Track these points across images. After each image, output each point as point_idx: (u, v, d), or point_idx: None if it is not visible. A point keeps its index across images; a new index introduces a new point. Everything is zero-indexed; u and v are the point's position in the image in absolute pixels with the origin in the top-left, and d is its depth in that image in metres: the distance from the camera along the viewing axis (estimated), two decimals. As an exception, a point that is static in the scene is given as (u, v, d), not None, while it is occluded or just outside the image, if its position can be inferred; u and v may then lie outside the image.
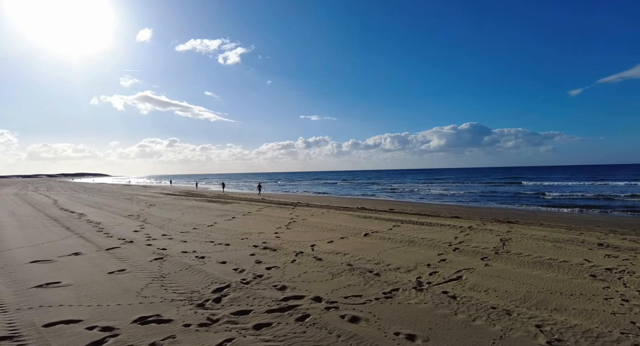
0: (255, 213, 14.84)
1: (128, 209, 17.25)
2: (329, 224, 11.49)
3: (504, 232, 9.81)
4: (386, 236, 9.20)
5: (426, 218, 13.91)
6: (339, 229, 10.38)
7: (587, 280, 5.36)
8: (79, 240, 8.87)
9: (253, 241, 8.70)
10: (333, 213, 14.76)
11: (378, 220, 12.47)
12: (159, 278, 5.52)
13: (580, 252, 7.16)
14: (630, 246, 7.76)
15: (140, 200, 23.92)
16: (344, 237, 9.24)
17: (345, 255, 7.21)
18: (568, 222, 14.05)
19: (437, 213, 17.28)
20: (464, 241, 8.47)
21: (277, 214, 14.52)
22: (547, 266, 6.15)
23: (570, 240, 8.39)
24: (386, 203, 26.20)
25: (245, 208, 17.05)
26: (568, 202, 24.93)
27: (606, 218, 16.62)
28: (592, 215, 17.93)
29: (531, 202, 25.46)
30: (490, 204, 24.79)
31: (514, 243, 8.20)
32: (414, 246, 8.12)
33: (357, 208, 19.11)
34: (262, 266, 6.28)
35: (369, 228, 10.59)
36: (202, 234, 9.92)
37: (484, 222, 12.71)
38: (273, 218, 13.33)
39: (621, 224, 13.59)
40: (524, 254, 7.05)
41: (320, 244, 8.31)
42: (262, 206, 18.11)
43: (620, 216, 17.41)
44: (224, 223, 12.05)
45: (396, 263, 6.61)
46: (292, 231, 10.32)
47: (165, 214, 15.16)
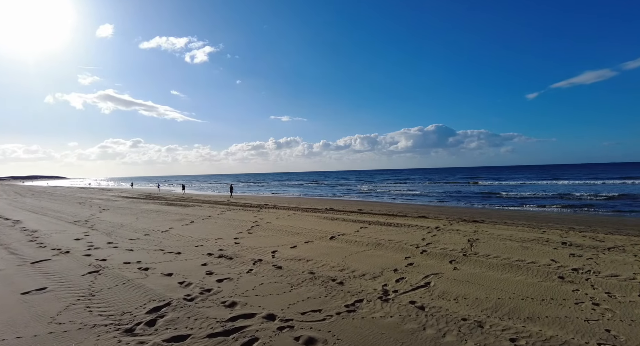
0: (216, 217, 13.95)
1: (76, 214, 15.73)
2: (295, 227, 10.90)
3: (470, 232, 9.69)
4: (353, 239, 8.76)
5: (394, 218, 13.69)
6: (304, 233, 9.83)
7: (556, 283, 5.16)
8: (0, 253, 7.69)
9: (208, 249, 7.94)
10: (300, 215, 14.19)
11: (345, 222, 12.05)
12: (86, 297, 4.69)
13: (546, 252, 7.07)
14: (591, 244, 7.81)
15: (93, 204, 22.11)
16: (309, 241, 8.69)
17: (308, 262, 6.67)
18: (530, 220, 14.37)
19: (404, 212, 17.19)
20: (431, 243, 8.20)
21: (240, 217, 13.73)
22: (516, 268, 5.94)
23: (535, 239, 8.36)
24: (355, 203, 26.00)
25: (206, 212, 16.07)
26: (528, 201, 25.93)
27: (563, 215, 17.27)
28: (550, 213, 18.62)
29: (494, 201, 26.25)
30: (456, 204, 25.27)
31: (481, 243, 8.03)
32: (380, 249, 7.72)
33: (325, 209, 18.67)
34: (213, 278, 5.59)
35: (335, 231, 10.12)
36: (153, 241, 9.00)
37: (451, 222, 12.66)
38: (235, 221, 12.54)
39: (577, 221, 14.08)
40: (492, 255, 6.84)
41: (283, 250, 7.71)
42: (225, 209, 17.19)
43: (575, 214, 18.19)
44: (180, 229, 11.12)
45: (362, 268, 6.15)
46: (254, 236, 9.63)
47: (118, 219, 13.91)
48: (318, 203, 24.98)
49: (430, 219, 13.43)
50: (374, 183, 68.91)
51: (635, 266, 5.94)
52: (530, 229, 10.55)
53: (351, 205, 22.93)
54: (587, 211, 19.36)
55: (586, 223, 13.34)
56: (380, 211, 18.01)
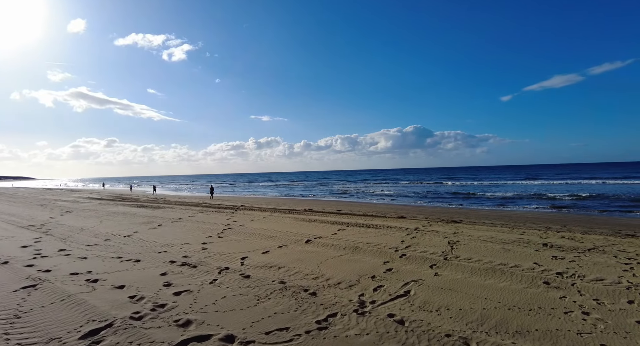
0: (187, 220, 13.16)
1: (34, 218, 14.51)
2: (269, 230, 10.32)
3: (450, 233, 9.42)
4: (329, 243, 8.29)
5: (373, 219, 13.34)
6: (278, 236, 9.27)
7: (542, 289, 4.86)
8: None
9: (172, 255, 7.26)
10: (276, 217, 13.60)
11: (323, 223, 11.57)
12: (9, 320, 3.97)
13: (528, 254, 6.84)
14: (572, 245, 7.67)
15: (56, 206, 20.65)
16: (283, 245, 8.15)
17: (279, 269, 6.13)
18: (508, 220, 14.38)
19: (384, 213, 16.91)
20: (410, 245, 7.84)
21: (212, 220, 13.00)
22: (500, 273, 5.63)
23: (516, 241, 8.16)
24: (335, 203, 25.62)
25: (177, 214, 15.20)
26: (504, 201, 26.33)
27: (539, 214, 17.50)
28: (526, 212, 18.85)
29: (471, 201, 26.52)
30: (434, 204, 25.35)
31: (462, 246, 7.74)
32: (358, 253, 7.29)
33: (304, 210, 18.15)
34: (170, 291, 4.96)
35: (312, 233, 9.62)
36: (112, 247, 8.21)
37: (430, 222, 12.43)
38: (206, 224, 11.81)
39: (553, 221, 14.20)
40: (473, 259, 6.53)
41: (253, 256, 7.13)
42: (197, 211, 16.35)
43: (550, 213, 18.50)
44: (145, 233, 10.32)
45: (337, 276, 5.68)
46: (224, 240, 8.99)
47: (79, 222, 12.88)
48: (297, 203, 24.42)
49: (409, 220, 13.16)
50: (354, 183, 68.96)
51: (618, 268, 5.75)
52: (510, 229, 10.42)
53: (331, 206, 22.52)
54: (560, 210, 19.76)
55: (561, 222, 13.46)
56: (359, 211, 17.67)
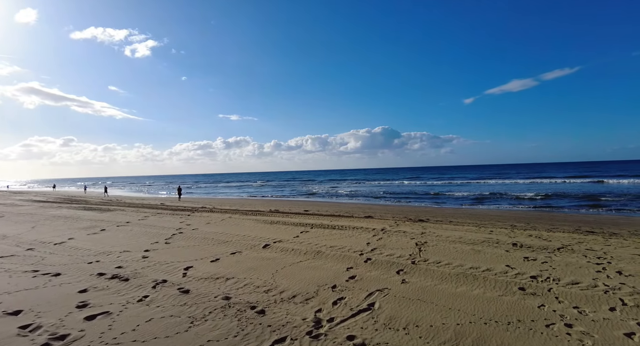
0: (135, 223, 11.87)
1: (-49, 225, 12.55)
2: (225, 234, 9.39)
3: (418, 234, 8.98)
4: (290, 247, 7.53)
5: (339, 219, 12.75)
6: (233, 241, 8.38)
7: (518, 296, 4.39)
8: None
9: (103, 266, 6.19)
10: (236, 219, 12.63)
11: (286, 225, 10.78)
12: None
13: (499, 256, 6.46)
14: (540, 245, 7.43)
15: (-14, 210, 18.30)
16: (237, 252, 7.29)
17: (227, 281, 5.29)
18: (474, 218, 14.32)
19: (351, 212, 16.41)
20: (376, 248, 7.26)
21: (163, 223, 11.81)
22: (472, 278, 5.13)
23: (485, 241, 7.82)
24: (303, 204, 24.88)
25: (127, 217, 13.79)
26: (469, 200, 26.82)
27: (502, 212, 17.74)
28: (490, 210, 19.12)
29: (437, 200, 26.79)
30: (401, 203, 25.33)
31: (430, 247, 7.26)
32: (320, 258, 6.59)
33: (269, 211, 17.25)
34: (82, 315, 3.99)
35: (272, 237, 8.81)
36: (32, 258, 6.95)
37: (397, 222, 12.02)
38: (156, 228, 10.65)
39: (516, 218, 14.32)
40: (443, 262, 6.04)
41: (200, 266, 6.23)
42: (150, 214, 14.98)
43: (513, 210, 18.86)
44: (82, 239, 9.04)
45: (293, 287, 4.94)
46: (171, 247, 7.97)
47: (5, 229, 11.22)
48: (263, 204, 23.43)
49: (376, 220, 12.70)
50: (324, 183, 68.61)
51: (590, 269, 5.46)
52: (477, 228, 10.19)
53: (298, 206, 21.76)
54: (522, 208, 20.28)
55: (524, 220, 13.57)
56: (327, 211, 17.06)
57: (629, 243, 7.90)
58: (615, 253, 6.66)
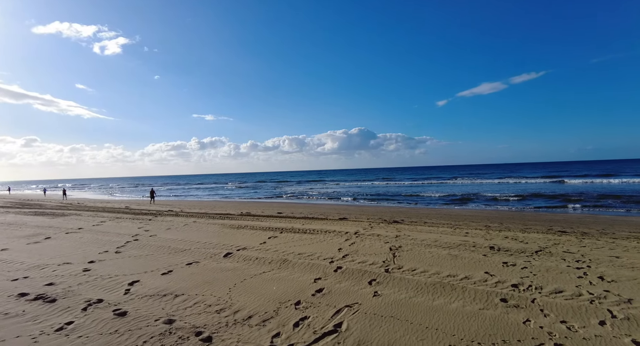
0: (88, 230, 10.78)
1: None
2: (184, 241, 8.58)
3: (392, 237, 8.55)
4: (254, 255, 6.86)
5: (312, 222, 12.17)
6: (192, 249, 7.61)
7: (500, 310, 3.96)
8: None
9: (31, 283, 5.29)
10: (201, 224, 11.78)
11: (253, 230, 10.08)
12: None
13: (477, 261, 6.08)
14: (518, 247, 7.15)
15: None
16: (194, 262, 6.54)
17: (175, 299, 4.58)
18: (448, 218, 14.16)
19: (326, 214, 15.89)
20: (348, 254, 6.73)
21: (119, 229, 10.79)
22: (450, 288, 4.68)
23: (462, 244, 7.46)
24: (277, 205, 24.15)
25: (80, 222, 12.60)
26: (443, 199, 27.00)
27: (475, 212, 17.79)
28: (464, 210, 19.18)
29: (412, 199, 26.79)
30: (377, 203, 25.14)
31: (405, 252, 6.81)
32: (286, 268, 5.97)
33: (240, 213, 16.44)
34: (-24, 353, 3.19)
35: (236, 244, 8.11)
36: (-52, 275, 5.91)
37: (371, 224, 11.60)
38: (109, 235, 9.65)
39: (490, 218, 14.28)
40: (418, 269, 5.58)
41: (148, 280, 5.46)
42: (108, 218, 13.81)
43: (486, 210, 18.99)
44: (19, 249, 7.96)
45: (251, 305, 4.30)
46: (121, 256, 7.11)
47: None
48: (236, 206, 22.51)
49: (350, 222, 12.23)
50: (300, 183, 67.91)
51: (572, 275, 5.16)
52: (452, 230, 9.91)
53: (272, 208, 21.02)
54: (495, 208, 20.51)
55: (497, 220, 13.53)
56: (301, 213, 16.45)
57: (602, 243, 7.80)
58: (592, 255, 6.46)
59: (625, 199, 21.64)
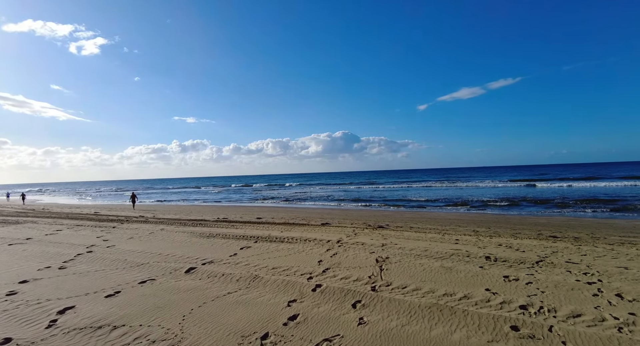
0: (37, 240, 9.54)
1: None
2: (144, 253, 7.56)
3: (378, 246, 7.80)
4: (221, 271, 5.96)
5: (292, 228, 11.31)
6: (152, 263, 6.62)
7: (513, 343, 3.23)
8: None
9: None
10: (168, 232, 10.71)
11: (225, 239, 9.13)
12: None
13: (474, 275, 5.39)
14: (516, 257, 6.53)
15: None
16: (149, 279, 5.58)
17: (112, 332, 3.65)
18: (434, 223, 13.59)
19: (307, 219, 15.07)
20: (330, 268, 5.93)
21: (74, 239, 9.61)
22: (448, 312, 3.94)
23: (454, 254, 6.78)
24: (258, 209, 23.14)
25: (32, 232, 11.28)
26: (427, 203, 26.64)
27: (460, 215, 17.35)
28: (447, 213, 18.73)
29: (396, 203, 26.29)
30: (360, 207, 24.53)
31: (393, 265, 6.06)
32: (256, 287, 5.10)
33: (216, 219, 15.39)
34: None
35: (202, 256, 7.16)
36: None
37: (355, 230, 10.85)
38: (60, 246, 8.50)
39: (475, 222, 13.81)
40: (410, 287, 4.82)
41: (86, 305, 4.48)
42: (67, 226, 12.50)
43: (469, 213, 18.61)
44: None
45: (206, 340, 3.43)
46: (64, 274, 6.05)
47: None
48: (214, 211, 21.36)
49: (333, 228, 11.45)
50: (283, 187, 66.80)
51: (585, 292, 4.53)
52: (441, 236, 9.28)
53: (252, 212, 20.02)
54: (475, 210, 20.20)
55: (484, 224, 13.05)
56: (282, 218, 15.56)
57: (601, 250, 7.31)
58: (598, 266, 5.89)
59: (603, 202, 21.82)
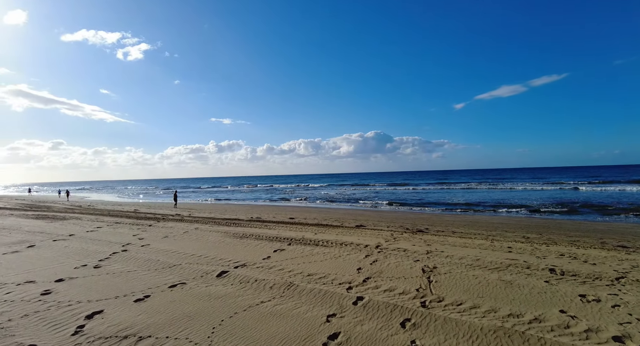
0: (79, 237, 9.78)
1: None
2: (177, 253, 7.41)
3: (422, 253, 7.13)
4: (254, 276, 5.60)
5: (326, 230, 10.85)
6: (183, 265, 6.41)
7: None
8: None
9: (-32, 313, 4.19)
10: (202, 231, 10.64)
11: (258, 240, 8.83)
12: None
13: (541, 291, 4.62)
14: (586, 271, 5.62)
15: None
16: (180, 283, 5.33)
17: (138, 344, 3.35)
18: (477, 227, 12.58)
19: (341, 220, 14.55)
20: (371, 277, 5.38)
21: (112, 237, 9.75)
22: (519, 339, 3.22)
23: (511, 264, 5.98)
24: (290, 209, 22.96)
25: (75, 228, 11.67)
26: (466, 206, 25.23)
27: (502, 219, 16.04)
28: (490, 216, 17.43)
29: (435, 206, 25.08)
30: (395, 209, 23.65)
31: (443, 276, 5.40)
32: (291, 296, 4.68)
33: (249, 219, 15.30)
34: None
35: (235, 258, 6.88)
36: None
37: (394, 234, 10.19)
38: (99, 243, 8.60)
39: (523, 227, 12.61)
40: (466, 304, 4.18)
41: (114, 309, 4.27)
42: (106, 224, 12.87)
43: (513, 216, 17.18)
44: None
45: (237, 360, 3.03)
46: (98, 273, 5.97)
47: None
48: (247, 210, 21.43)
49: (369, 230, 10.85)
50: (315, 187, 66.74)
51: (693, 320, 3.66)
52: (490, 243, 8.41)
53: (284, 212, 19.84)
54: (519, 214, 18.68)
55: (533, 229, 11.84)
56: (314, 219, 15.18)
57: (692, 265, 6.17)
58: (696, 285, 4.89)
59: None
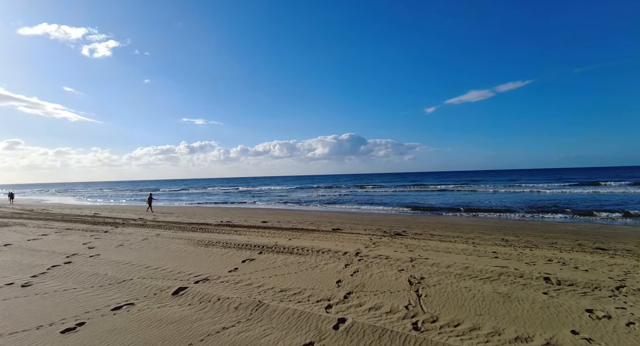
0: (16, 247, 8.48)
1: None
2: (131, 265, 6.44)
3: (405, 260, 6.58)
4: (216, 293, 4.80)
5: (301, 234, 10.15)
6: (135, 280, 5.47)
7: None
8: None
9: None
10: (164, 238, 9.61)
11: (226, 248, 7.97)
12: None
13: (544, 306, 4.14)
14: (583, 279, 5.25)
15: None
16: (126, 304, 4.43)
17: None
18: (454, 230, 12.34)
19: (316, 223, 13.90)
20: (352, 292, 4.73)
21: (57, 246, 8.54)
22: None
23: (503, 274, 5.52)
24: (264, 212, 22.06)
25: (16, 236, 10.26)
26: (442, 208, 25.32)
27: (477, 221, 16.01)
28: (465, 218, 17.39)
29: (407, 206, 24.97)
30: (370, 211, 23.33)
31: (432, 289, 4.84)
32: (259, 319, 3.93)
33: (219, 223, 14.32)
34: None
35: (196, 271, 6.02)
36: None
37: (372, 238, 9.65)
38: (38, 255, 7.42)
39: (499, 228, 12.50)
40: (464, 325, 3.61)
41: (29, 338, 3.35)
42: (55, 230, 11.47)
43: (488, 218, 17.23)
44: None
45: None
46: (24, 294, 4.94)
47: None
48: (218, 214, 20.30)
49: (346, 234, 10.25)
50: (290, 189, 65.74)
51: None
52: (473, 247, 8.03)
53: (257, 215, 18.93)
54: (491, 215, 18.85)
55: (508, 231, 11.71)
56: (289, 222, 14.42)
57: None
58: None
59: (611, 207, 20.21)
